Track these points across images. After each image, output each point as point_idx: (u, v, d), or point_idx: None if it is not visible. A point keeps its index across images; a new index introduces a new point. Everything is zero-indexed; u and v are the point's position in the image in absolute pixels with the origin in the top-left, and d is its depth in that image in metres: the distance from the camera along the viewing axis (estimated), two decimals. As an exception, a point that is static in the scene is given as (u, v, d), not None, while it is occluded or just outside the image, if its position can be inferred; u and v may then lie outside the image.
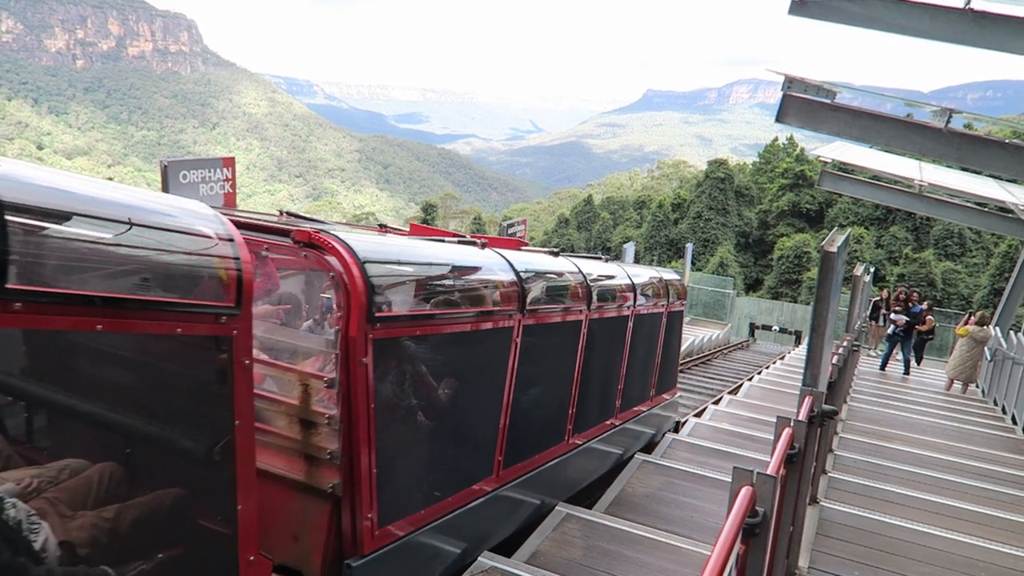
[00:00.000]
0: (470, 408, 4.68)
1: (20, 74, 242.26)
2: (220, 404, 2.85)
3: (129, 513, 2.67)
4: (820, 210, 50.24)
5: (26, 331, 2.32)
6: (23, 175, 2.31)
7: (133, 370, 2.87)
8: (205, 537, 2.93)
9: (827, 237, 4.79)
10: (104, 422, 2.83)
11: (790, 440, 3.47)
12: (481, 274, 4.77)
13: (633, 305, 7.31)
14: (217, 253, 2.80)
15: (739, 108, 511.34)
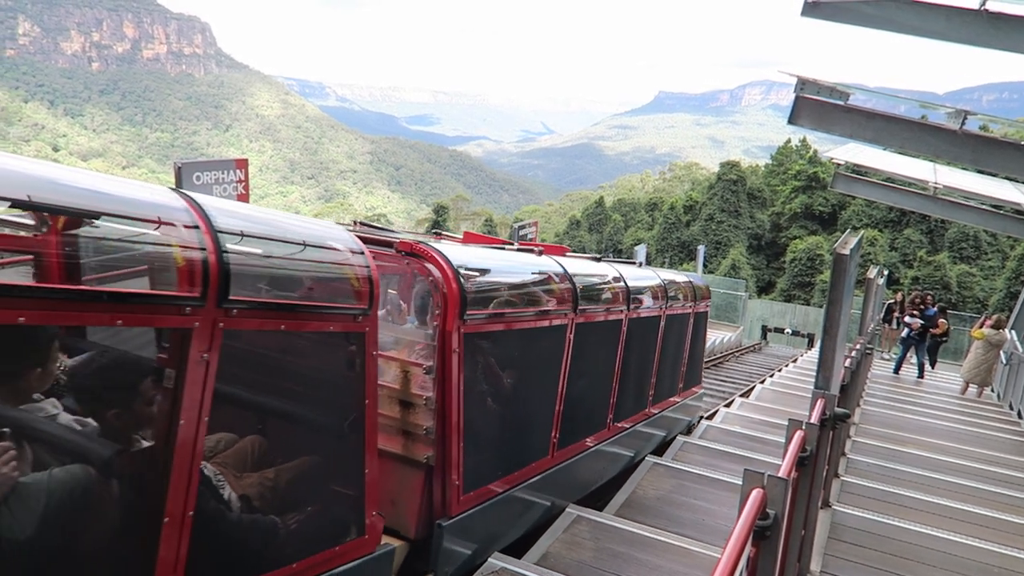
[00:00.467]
0: (533, 394, 5.41)
1: (37, 76, 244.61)
2: (356, 388, 3.56)
3: (285, 474, 3.35)
4: (833, 212, 49.93)
5: (235, 330, 2.93)
6: (230, 209, 3.17)
7: (297, 361, 3.54)
8: (341, 496, 3.60)
9: (840, 239, 4.77)
10: (272, 403, 3.51)
11: (802, 443, 3.45)
12: (543, 278, 5.53)
13: (665, 306, 8.00)
14: (355, 264, 3.54)
15: (752, 110, 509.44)
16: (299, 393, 3.56)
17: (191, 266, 2.68)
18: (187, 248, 2.69)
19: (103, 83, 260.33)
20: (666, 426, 8.68)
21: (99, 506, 2.51)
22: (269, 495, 3.24)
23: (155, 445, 2.68)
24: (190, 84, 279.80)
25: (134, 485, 2.66)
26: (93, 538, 2.53)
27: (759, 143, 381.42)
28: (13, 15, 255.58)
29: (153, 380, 2.70)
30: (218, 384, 2.77)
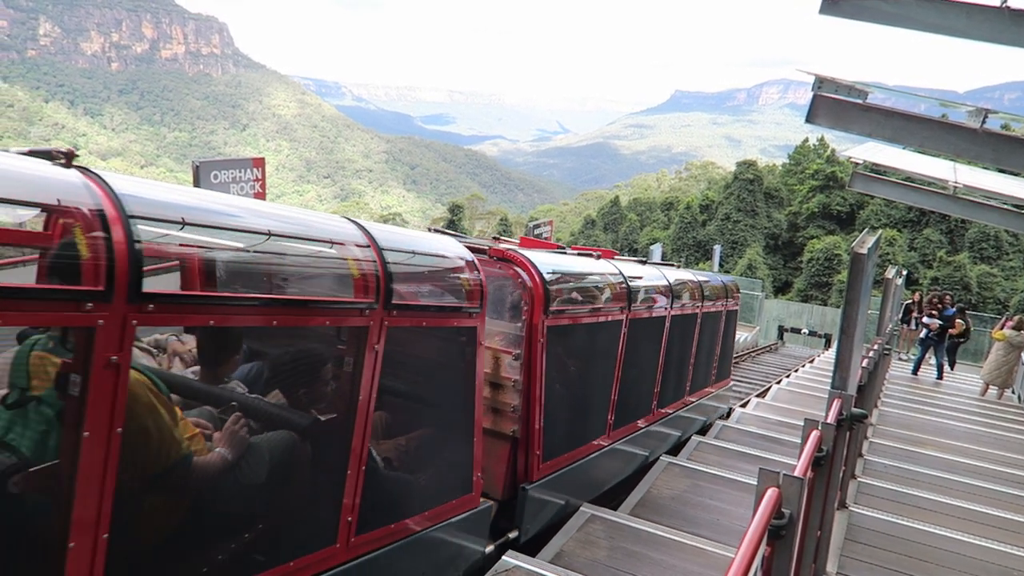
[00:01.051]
0: (595, 381, 6.26)
1: (57, 76, 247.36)
2: (471, 373, 4.40)
3: (414, 441, 4.11)
4: (851, 212, 49.52)
5: (395, 327, 3.61)
6: (387, 229, 3.92)
7: (430, 351, 4.30)
8: (457, 460, 4.42)
9: (858, 239, 4.74)
10: (409, 384, 4.14)
11: (818, 443, 3.43)
12: (604, 279, 6.36)
13: (701, 304, 8.82)
14: (469, 271, 4.36)
15: (769, 109, 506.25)
16: (430, 376, 4.36)
17: (365, 278, 3.45)
18: (361, 262, 3.47)
19: (122, 83, 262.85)
20: (701, 413, 9.58)
21: (301, 461, 3.33)
22: (404, 457, 4.03)
23: (337, 417, 3.45)
24: (208, 84, 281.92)
25: (324, 446, 3.43)
26: (300, 484, 3.38)
27: (776, 142, 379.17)
28: (34, 16, 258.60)
29: (337, 366, 3.52)
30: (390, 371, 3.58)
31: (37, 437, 2.43)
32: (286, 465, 3.24)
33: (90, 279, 2.33)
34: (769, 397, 12.98)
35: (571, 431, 5.80)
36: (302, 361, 3.52)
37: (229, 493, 3.03)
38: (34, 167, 2.40)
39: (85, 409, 2.30)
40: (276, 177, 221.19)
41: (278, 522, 3.23)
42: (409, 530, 3.94)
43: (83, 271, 2.37)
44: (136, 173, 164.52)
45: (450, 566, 4.37)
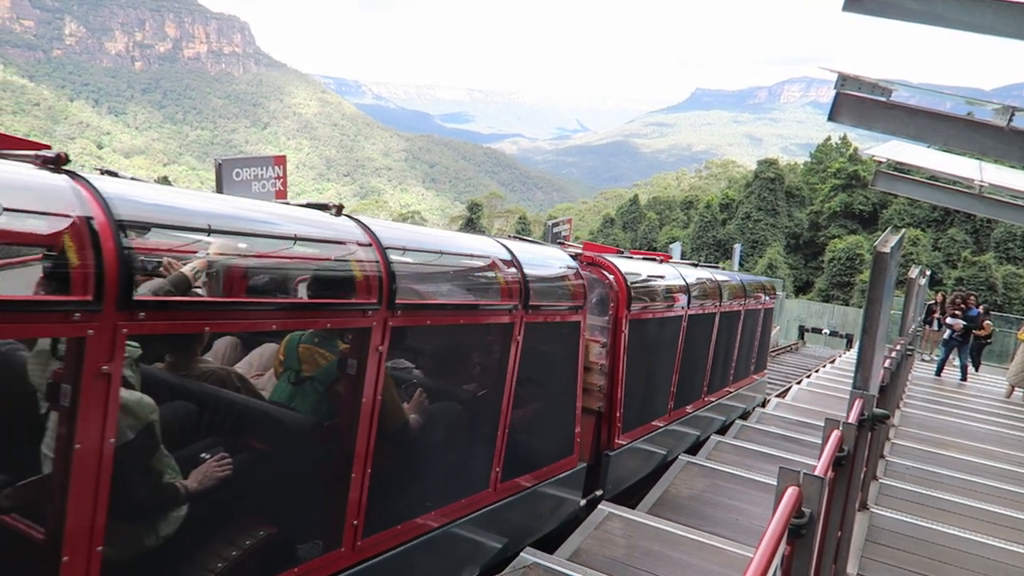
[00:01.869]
0: (661, 368, 7.32)
1: (82, 76, 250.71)
2: (575, 362, 5.40)
3: (539, 412, 5.16)
4: (874, 211, 48.96)
5: (532, 322, 4.68)
6: (526, 249, 5.04)
7: (547, 343, 5.15)
8: (564, 427, 5.47)
9: (881, 237, 4.69)
10: (537, 371, 4.98)
11: (839, 443, 3.41)
12: (670, 280, 7.37)
13: (744, 302, 9.91)
14: (575, 277, 5.42)
15: (791, 107, 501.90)
16: (549, 361, 5.26)
17: (510, 287, 4.52)
18: (508, 275, 4.55)
19: (145, 82, 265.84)
20: (741, 401, 10.68)
21: (468, 424, 4.55)
22: (532, 424, 5.06)
23: (490, 392, 4.55)
24: (229, 83, 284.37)
25: (482, 414, 4.55)
26: (467, 442, 4.54)
27: (798, 141, 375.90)
28: (60, 16, 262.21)
29: (491, 353, 4.61)
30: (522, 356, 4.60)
31: (312, 404, 3.48)
32: (458, 427, 4.47)
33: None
34: (789, 397, 12.88)
35: (642, 409, 6.85)
36: (478, 351, 4.68)
37: (425, 447, 4.10)
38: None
39: (362, 385, 3.35)
40: (296, 175, 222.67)
41: (455, 469, 4.41)
42: (536, 480, 5.06)
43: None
44: (159, 171, 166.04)
45: (560, 509, 5.50)
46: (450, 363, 4.56)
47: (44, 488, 2.30)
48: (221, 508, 2.95)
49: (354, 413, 3.33)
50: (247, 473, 3.01)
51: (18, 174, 2.31)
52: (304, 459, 3.39)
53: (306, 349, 3.49)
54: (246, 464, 3.04)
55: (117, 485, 2.35)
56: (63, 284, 2.22)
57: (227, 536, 2.95)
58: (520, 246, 5.03)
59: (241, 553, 2.91)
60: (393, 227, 4.00)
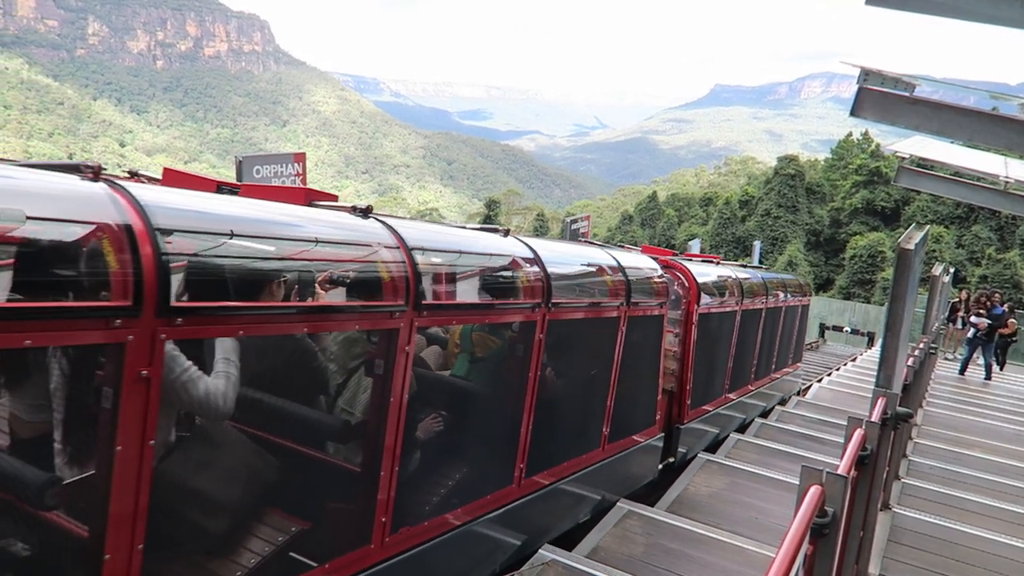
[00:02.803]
0: (719, 356, 8.52)
1: (105, 75, 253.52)
2: (659, 349, 6.54)
3: (633, 387, 6.12)
4: (896, 208, 48.38)
5: (633, 317, 5.76)
6: (629, 256, 6.36)
7: (643, 333, 6.15)
8: (651, 403, 6.61)
9: (904, 234, 4.63)
10: (633, 356, 5.95)
11: (861, 441, 3.37)
12: (728, 280, 8.62)
13: (786, 299, 11.32)
14: (660, 278, 6.46)
15: (811, 102, 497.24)
16: (642, 348, 6.20)
17: (617, 287, 5.61)
18: (616, 283, 5.66)
19: (167, 80, 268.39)
20: (781, 388, 11.92)
21: (589, 396, 5.65)
22: (629, 399, 6.08)
23: (601, 372, 5.62)
24: (249, 81, 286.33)
25: (595, 388, 5.62)
26: (585, 410, 5.60)
27: (819, 137, 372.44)
28: (83, 16, 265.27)
29: (603, 342, 5.62)
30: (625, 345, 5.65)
31: (484, 378, 4.57)
32: (579, 399, 5.59)
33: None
34: (810, 396, 12.78)
35: (705, 391, 8.00)
36: (597, 339, 5.58)
37: (561, 412, 5.27)
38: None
39: (529, 362, 4.47)
40: (316, 173, 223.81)
41: (579, 431, 5.53)
42: (632, 444, 6.24)
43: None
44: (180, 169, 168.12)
45: (645, 468, 6.68)
46: (579, 349, 5.49)
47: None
48: (437, 451, 4.04)
49: (522, 384, 4.50)
50: (450, 427, 4.10)
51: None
52: (484, 417, 4.58)
53: (479, 336, 4.54)
54: (449, 421, 4.09)
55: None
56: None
57: (445, 470, 4.14)
58: (622, 255, 6.23)
59: (455, 482, 4.15)
60: (550, 247, 5.26)
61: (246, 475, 3.13)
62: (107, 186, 2.40)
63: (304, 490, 3.37)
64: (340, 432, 3.64)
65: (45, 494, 2.36)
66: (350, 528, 3.40)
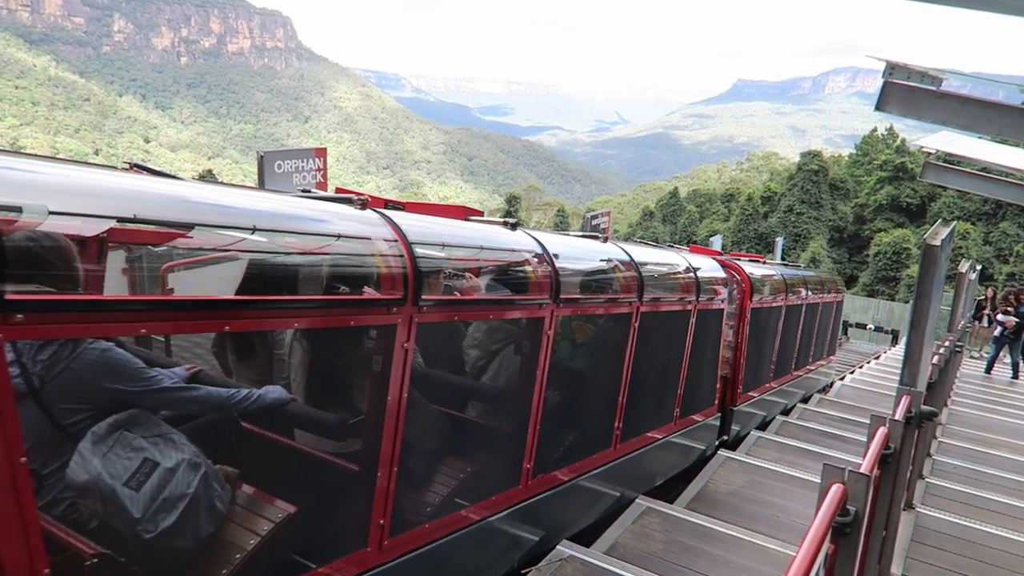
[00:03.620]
0: (767, 345, 9.48)
1: (130, 71, 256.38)
2: (718, 338, 7.47)
3: (698, 371, 7.03)
4: (922, 204, 47.72)
5: (703, 310, 6.73)
6: (697, 259, 7.42)
7: (706, 325, 6.95)
8: (711, 385, 7.58)
9: (930, 230, 4.56)
10: (700, 345, 6.94)
11: (885, 440, 3.33)
12: (775, 277, 9.64)
13: (822, 296, 12.47)
14: (722, 275, 7.48)
15: (835, 97, 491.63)
16: (706, 338, 7.12)
17: (687, 287, 6.53)
18: (687, 282, 6.59)
19: (191, 77, 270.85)
20: (819, 379, 13.10)
21: (665, 378, 6.54)
22: (696, 380, 6.99)
23: (673, 359, 6.55)
24: (272, 77, 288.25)
25: (671, 369, 6.56)
26: (661, 389, 6.48)
27: (843, 132, 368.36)
28: (109, 13, 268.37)
29: (677, 333, 6.55)
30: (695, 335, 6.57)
31: (584, 360, 5.35)
32: (660, 380, 6.44)
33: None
34: (832, 393, 12.65)
35: (754, 378, 8.93)
36: (673, 330, 6.46)
37: (647, 388, 6.15)
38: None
39: (624, 346, 5.46)
40: (337, 168, 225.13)
41: (658, 405, 6.43)
42: (697, 420, 7.21)
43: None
44: (203, 164, 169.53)
45: (706, 442, 7.60)
46: (660, 337, 6.29)
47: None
48: (563, 419, 4.92)
49: (618, 364, 5.44)
50: (569, 401, 5.02)
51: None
52: (590, 392, 5.48)
53: (577, 324, 5.11)
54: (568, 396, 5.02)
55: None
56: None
57: (566, 434, 5.05)
58: (692, 258, 7.20)
59: (571, 443, 5.07)
60: (641, 252, 6.07)
61: (446, 430, 4.19)
62: (376, 213, 3.41)
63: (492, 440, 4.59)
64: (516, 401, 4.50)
65: (340, 430, 3.42)
66: (510, 472, 4.39)
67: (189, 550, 2.65)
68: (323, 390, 3.56)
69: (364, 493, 3.26)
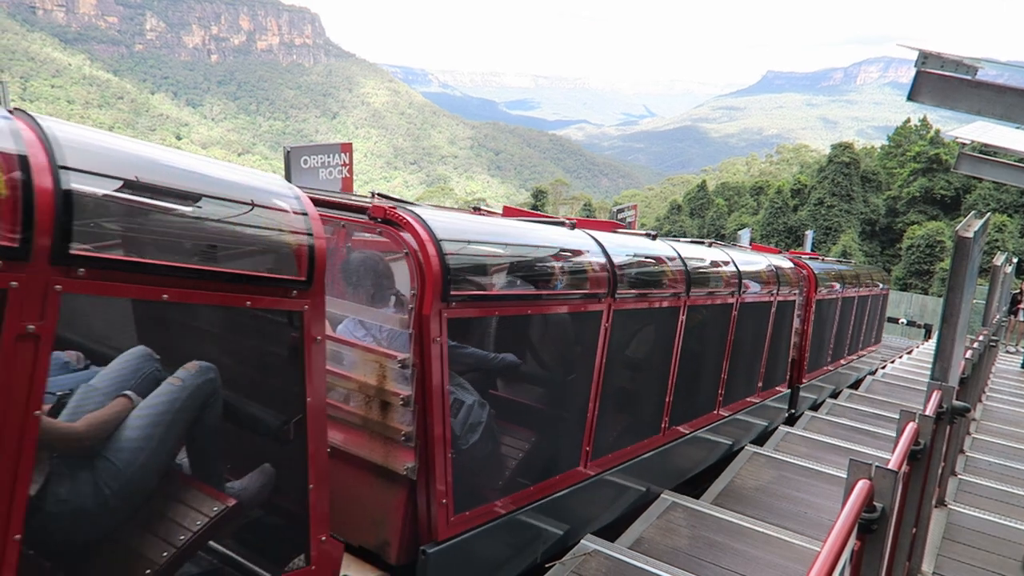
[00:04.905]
0: (825, 334, 10.54)
1: (162, 69, 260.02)
2: (791, 328, 8.80)
3: (784, 351, 8.83)
4: (956, 196, 46.75)
5: (745, 302, 7.00)
6: (742, 255, 7.81)
7: (783, 315, 8.27)
8: (785, 363, 8.79)
9: (963, 222, 4.47)
10: (773, 331, 8.04)
11: (914, 435, 3.27)
12: (835, 272, 11.10)
13: (872, 288, 13.85)
14: (796, 271, 8.82)
15: (868, 88, 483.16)
16: (783, 323, 8.33)
17: (769, 282, 7.70)
18: (768, 279, 7.72)
19: (221, 74, 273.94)
20: (867, 364, 14.43)
21: (750, 356, 7.65)
22: (775, 359, 8.30)
23: (762, 341, 7.75)
24: (300, 74, 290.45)
25: (753, 352, 7.69)
26: (749, 365, 7.55)
27: (875, 123, 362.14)
28: (141, 12, 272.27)
29: (764, 321, 7.73)
30: (738, 327, 6.88)
31: (696, 342, 6.23)
32: (750, 357, 7.59)
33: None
34: (863, 388, 12.47)
35: (816, 360, 10.12)
36: (760, 317, 7.60)
37: (739, 366, 7.24)
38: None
39: (728, 331, 6.73)
40: (365, 164, 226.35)
41: (746, 380, 7.55)
42: (774, 393, 8.41)
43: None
44: (233, 160, 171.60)
45: (779, 415, 8.83)
46: (751, 323, 7.30)
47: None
48: (691, 386, 6.23)
49: (722, 345, 6.69)
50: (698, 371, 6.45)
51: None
52: (700, 367, 6.51)
53: (691, 315, 5.96)
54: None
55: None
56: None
57: (692, 397, 6.31)
58: (773, 258, 8.53)
59: (691, 405, 6.28)
60: (741, 256, 7.38)
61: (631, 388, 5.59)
62: (582, 231, 4.62)
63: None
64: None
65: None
66: (653, 422, 5.65)
67: (486, 456, 3.90)
68: (550, 358, 4.63)
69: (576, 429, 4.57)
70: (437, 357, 3.25)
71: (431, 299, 3.18)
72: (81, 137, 2.11)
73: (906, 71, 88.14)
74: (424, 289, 3.20)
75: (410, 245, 3.23)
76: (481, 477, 4.01)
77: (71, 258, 1.92)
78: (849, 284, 11.69)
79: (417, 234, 3.21)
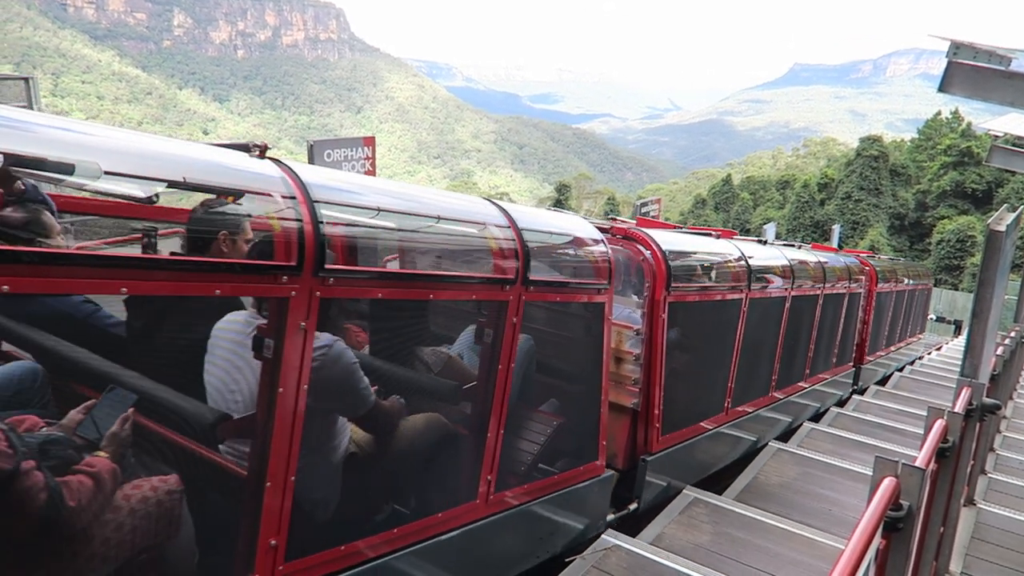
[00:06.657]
0: (883, 320, 11.98)
1: (189, 65, 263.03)
2: (857, 315, 10.37)
3: (845, 340, 10.06)
4: (988, 190, 45.92)
5: (833, 295, 8.89)
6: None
7: (849, 307, 9.71)
8: (851, 347, 10.40)
9: (995, 215, 4.37)
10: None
11: (943, 433, 3.20)
12: (888, 269, 12.35)
13: (916, 283, 15.31)
14: (861, 267, 10.51)
15: (897, 80, 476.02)
16: (852, 313, 9.86)
17: (842, 276, 9.30)
18: (816, 276, 8.23)
19: (247, 69, 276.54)
20: (913, 349, 16.08)
21: (799, 345, 8.18)
22: (844, 345, 9.88)
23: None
24: (325, 68, 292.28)
25: (801, 340, 8.12)
26: (757, 367, 6.97)
27: (905, 116, 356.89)
28: (169, 8, 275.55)
29: (812, 313, 8.31)
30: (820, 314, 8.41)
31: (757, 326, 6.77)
32: (827, 339, 8.90)
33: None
34: (890, 385, 12.28)
35: (874, 345, 11.45)
36: (837, 306, 9.01)
37: (789, 358, 7.81)
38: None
39: (813, 316, 8.34)
40: (389, 158, 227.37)
41: (824, 358, 8.88)
42: (846, 369, 9.91)
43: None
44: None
45: (847, 390, 10.12)
46: (833, 311, 8.69)
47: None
48: (754, 368, 6.85)
49: (808, 328, 8.08)
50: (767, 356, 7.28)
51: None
52: (791, 345, 7.65)
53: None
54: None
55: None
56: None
57: (756, 379, 6.96)
58: (843, 256, 9.86)
59: (755, 386, 7.01)
60: (822, 255, 9.08)
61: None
62: (727, 241, 5.99)
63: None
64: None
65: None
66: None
67: (681, 398, 5.64)
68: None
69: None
70: (659, 328, 4.85)
71: (660, 289, 4.81)
72: (323, 177, 2.94)
73: (937, 62, 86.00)
74: (655, 283, 4.82)
75: (644, 255, 4.87)
76: (678, 412, 5.44)
77: (326, 271, 2.54)
78: (900, 279, 13.40)
79: (650, 246, 4.87)
